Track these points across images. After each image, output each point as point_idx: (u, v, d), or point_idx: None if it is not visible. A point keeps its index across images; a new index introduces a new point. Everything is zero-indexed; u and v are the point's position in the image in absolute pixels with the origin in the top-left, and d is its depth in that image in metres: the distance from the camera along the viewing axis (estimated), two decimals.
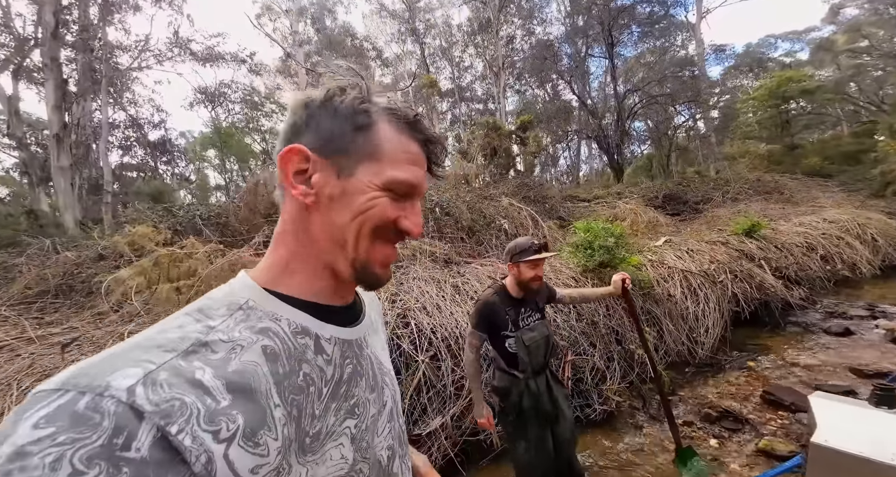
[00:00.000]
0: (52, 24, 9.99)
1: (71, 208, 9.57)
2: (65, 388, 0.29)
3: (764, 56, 20.54)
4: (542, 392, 1.82)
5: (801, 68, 16.82)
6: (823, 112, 16.36)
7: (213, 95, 17.70)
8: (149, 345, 0.34)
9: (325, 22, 18.94)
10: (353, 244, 0.43)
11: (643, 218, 8.37)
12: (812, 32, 19.92)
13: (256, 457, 0.34)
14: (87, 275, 3.85)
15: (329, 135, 0.43)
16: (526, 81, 17.74)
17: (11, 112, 12.67)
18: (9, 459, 0.25)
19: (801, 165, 14.12)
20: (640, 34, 14.96)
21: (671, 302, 4.14)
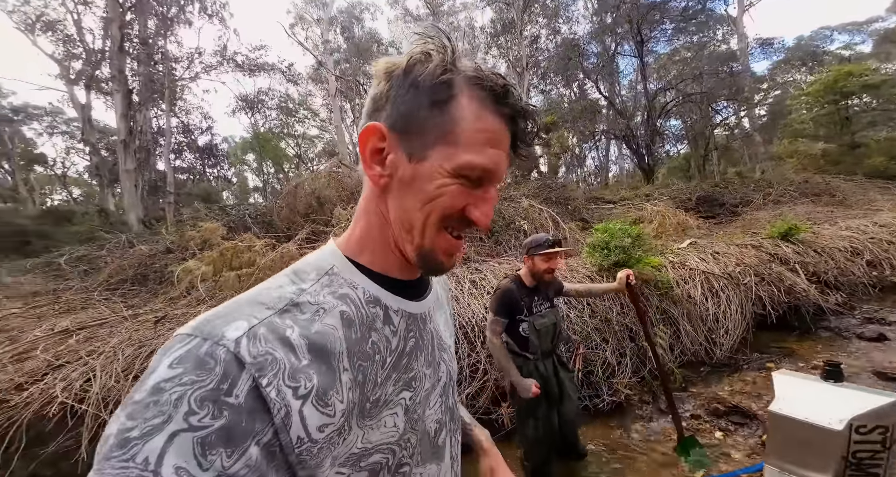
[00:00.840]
0: (119, 38, 11.26)
1: (135, 208, 10.74)
2: (195, 334, 0.34)
3: (819, 49, 19.15)
4: (550, 374, 2.04)
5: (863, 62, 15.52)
6: (892, 108, 15.02)
7: (253, 103, 19.04)
8: (256, 301, 0.38)
9: (353, 30, 19.79)
10: (419, 231, 0.43)
11: (671, 220, 8.21)
12: (875, 23, 18.34)
13: (325, 416, 0.36)
14: (159, 266, 4.49)
15: (406, 111, 0.40)
16: (551, 81, 17.61)
17: (85, 120, 14.32)
18: (150, 391, 0.30)
19: (864, 166, 13.07)
20: (674, 29, 14.45)
21: (690, 303, 4.18)
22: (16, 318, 3.48)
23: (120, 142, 11.01)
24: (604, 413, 2.90)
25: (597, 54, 15.10)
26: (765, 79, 18.72)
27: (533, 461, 2.05)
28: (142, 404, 0.30)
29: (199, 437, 0.30)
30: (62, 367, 2.32)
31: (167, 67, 13.41)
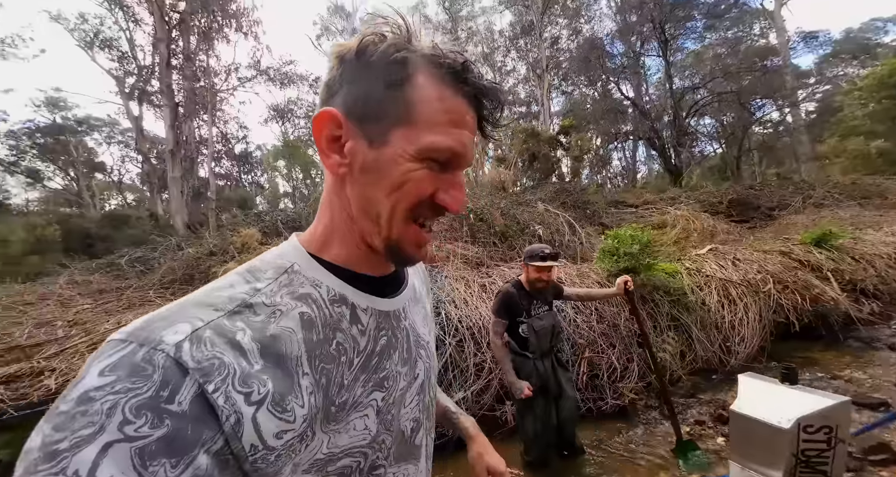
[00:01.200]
0: (166, 56, 12.37)
1: (180, 212, 11.74)
2: (129, 339, 0.31)
3: (870, 41, 17.77)
4: (548, 373, 2.19)
5: None
6: None
7: (283, 112, 20.14)
8: (202, 302, 0.35)
9: None
10: (387, 222, 0.40)
11: (696, 225, 7.99)
12: None
13: (283, 423, 0.34)
14: (203, 267, 5.01)
15: (362, 94, 0.38)
16: (573, 81, 17.40)
17: (137, 130, 15.75)
18: (77, 401, 0.28)
19: None
20: (705, 26, 13.91)
21: (704, 310, 4.17)
22: (88, 312, 4.04)
23: (168, 151, 12.08)
24: (607, 416, 3.00)
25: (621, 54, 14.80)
26: (810, 73, 17.57)
27: (532, 455, 2.20)
28: (69, 415, 0.27)
29: (137, 447, 0.27)
30: None
31: (208, 81, 14.53)
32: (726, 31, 14.38)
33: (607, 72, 14.44)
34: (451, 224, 5.21)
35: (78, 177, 19.03)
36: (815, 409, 1.25)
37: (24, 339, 3.28)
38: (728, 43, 14.23)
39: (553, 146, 9.85)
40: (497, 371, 2.84)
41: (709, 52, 15.14)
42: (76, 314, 3.99)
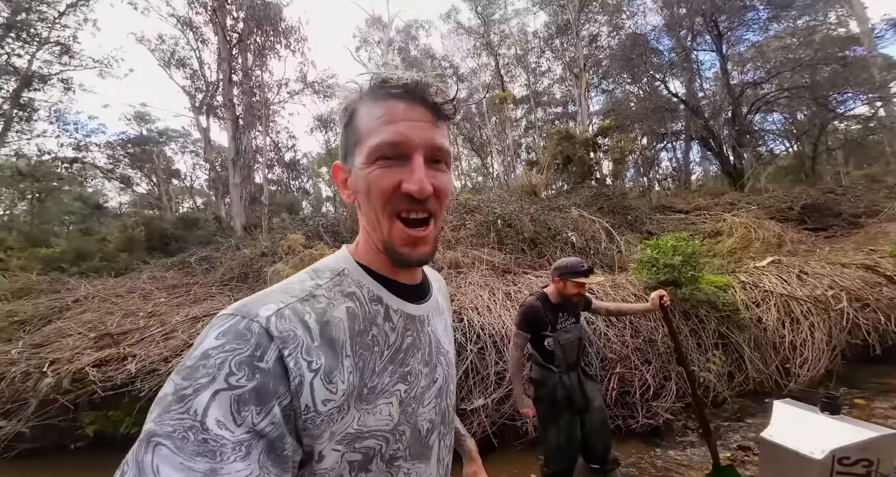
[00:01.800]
0: (228, 72, 13.72)
1: (239, 215, 12.92)
2: (235, 313, 0.41)
3: None
4: (574, 386, 2.12)
5: None
6: None
7: (326, 122, 21.41)
8: (283, 290, 0.46)
9: (409, 50, 20.97)
10: (378, 226, 0.50)
11: (758, 233, 7.25)
12: None
13: (328, 392, 0.42)
14: (257, 266, 5.53)
15: (342, 144, 0.52)
16: (615, 79, 16.57)
17: (206, 141, 17.61)
18: (200, 357, 0.37)
19: None
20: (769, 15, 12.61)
21: (759, 328, 3.82)
22: (163, 305, 4.65)
23: (230, 160, 13.39)
24: (637, 434, 2.87)
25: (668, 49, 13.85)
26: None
27: (552, 468, 2.15)
28: (193, 367, 0.36)
29: (236, 394, 0.36)
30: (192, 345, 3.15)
31: (262, 96, 15.91)
32: (795, 21, 12.89)
33: (653, 68, 13.56)
34: (479, 229, 5.24)
35: (158, 182, 21.68)
36: (854, 440, 1.16)
37: (114, 327, 3.87)
38: (799, 33, 12.75)
39: (590, 148, 9.47)
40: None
41: (774, 43, 13.68)
42: (154, 307, 4.61)
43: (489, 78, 21.32)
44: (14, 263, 7.80)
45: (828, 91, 11.44)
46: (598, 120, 16.27)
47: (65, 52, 14.55)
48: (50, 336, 3.81)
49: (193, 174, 24.39)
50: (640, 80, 14.67)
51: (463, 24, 20.73)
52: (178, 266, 6.80)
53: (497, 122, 18.87)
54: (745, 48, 13.98)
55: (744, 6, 11.92)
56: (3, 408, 2.80)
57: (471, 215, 5.72)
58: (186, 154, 23.65)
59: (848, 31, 13.27)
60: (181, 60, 16.76)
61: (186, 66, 16.87)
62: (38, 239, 10.87)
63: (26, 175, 14.63)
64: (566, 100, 21.97)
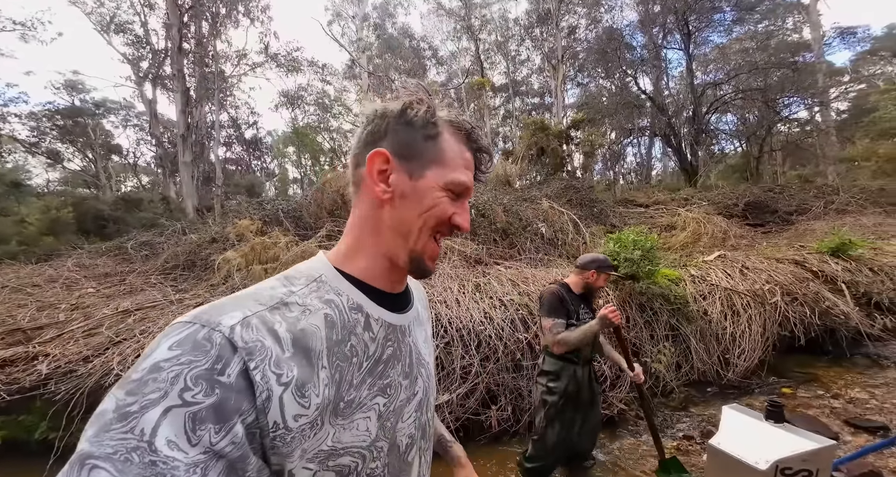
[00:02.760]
0: (177, 40, 12.39)
1: (191, 197, 11.91)
2: (193, 321, 0.37)
3: None
4: (585, 382, 2.07)
5: None
6: None
7: (293, 98, 20.10)
8: (250, 297, 0.43)
9: (385, 27, 20.04)
10: (415, 237, 0.50)
11: (707, 228, 7.73)
12: None
13: (300, 407, 0.39)
14: (205, 254, 5.07)
15: (405, 142, 0.49)
16: (589, 73, 16.86)
17: (151, 114, 15.93)
18: (149, 370, 0.34)
19: None
20: (734, 18, 13.19)
21: (705, 320, 4.05)
22: (90, 297, 4.14)
23: (179, 136, 12.21)
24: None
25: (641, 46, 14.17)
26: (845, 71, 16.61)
27: (536, 464, 2.09)
28: (141, 382, 0.33)
29: (191, 412, 0.33)
30: (120, 343, 2.81)
31: (217, 67, 14.54)
32: (756, 25, 13.58)
33: (625, 64, 13.84)
34: None
35: (95, 158, 19.44)
36: (796, 451, 1.18)
37: (25, 321, 3.38)
38: (758, 37, 13.46)
39: (563, 140, 9.57)
40: (484, 375, 2.81)
41: (735, 46, 14.39)
42: (78, 298, 4.10)
43: (469, 63, 20.92)
44: None
45: (777, 94, 12.26)
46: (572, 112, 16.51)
47: None
48: None
49: (138, 150, 22.10)
50: (613, 74, 14.95)
51: (444, 5, 20.05)
52: (114, 252, 6.13)
53: (475, 109, 18.62)
54: (709, 49, 14.61)
55: (713, 7, 12.35)
56: None
57: None
58: (129, 128, 21.30)
59: (801, 38, 14.22)
60: (122, 26, 14.82)
61: (128, 31, 14.95)
62: None
63: None
64: (543, 91, 22.08)
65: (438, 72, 22.71)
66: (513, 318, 3.18)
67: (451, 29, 20.47)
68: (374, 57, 19.55)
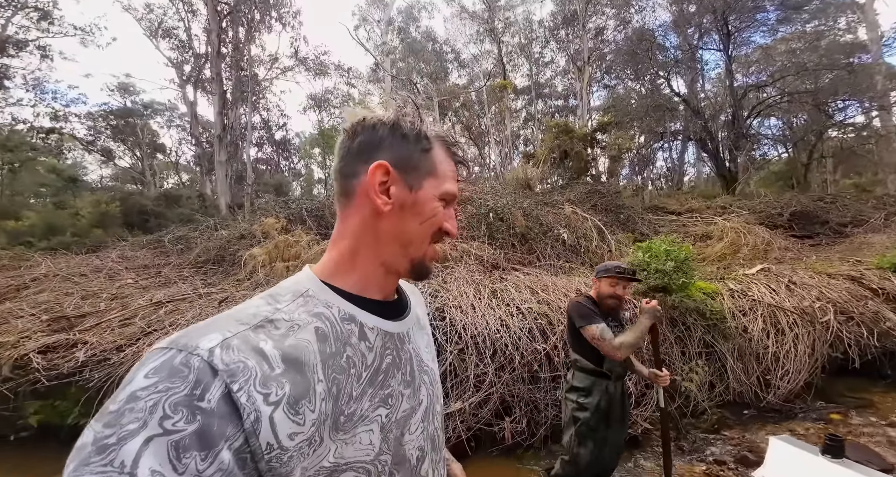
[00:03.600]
0: (216, 44, 13.08)
1: (224, 194, 12.50)
2: (170, 347, 0.36)
3: None
4: (617, 398, 1.95)
5: None
6: None
7: (320, 101, 20.72)
8: (231, 318, 0.41)
9: (409, 31, 20.27)
10: (418, 245, 0.52)
11: (748, 239, 7.22)
12: None
13: (295, 424, 0.38)
14: (233, 249, 5.27)
15: (403, 155, 0.50)
16: (617, 75, 16.31)
17: (192, 116, 16.91)
18: (126, 400, 0.33)
19: None
20: (778, 18, 12.37)
21: (744, 338, 3.76)
22: (129, 287, 4.39)
23: (216, 136, 12.86)
24: None
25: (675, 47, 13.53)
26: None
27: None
28: (118, 413, 0.32)
29: (174, 440, 0.32)
30: (151, 333, 2.94)
31: (251, 70, 15.25)
32: (804, 25, 12.64)
33: (657, 66, 13.27)
34: (469, 222, 5.06)
35: (142, 157, 20.83)
36: None
37: (70, 309, 3.62)
38: (806, 37, 12.53)
39: (588, 144, 9.27)
40: (498, 385, 2.72)
41: (780, 46, 13.46)
42: (118, 288, 4.36)
43: (491, 66, 20.77)
44: None
45: (829, 97, 11.35)
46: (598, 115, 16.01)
47: (43, 17, 13.64)
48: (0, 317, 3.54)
49: (179, 149, 23.48)
50: (643, 76, 14.39)
51: (467, 9, 20.05)
52: (153, 245, 6.49)
53: (496, 112, 18.48)
54: (750, 50, 13.76)
55: (755, 6, 11.63)
56: None
57: (463, 206, 5.54)
58: (173, 128, 22.68)
59: (856, 38, 13.13)
60: (168, 31, 15.90)
61: (174, 36, 16.01)
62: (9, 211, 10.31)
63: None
64: (567, 93, 21.58)
65: (460, 74, 22.75)
66: (530, 327, 3.06)
67: (474, 32, 20.41)
68: (397, 60, 19.84)
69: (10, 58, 13.57)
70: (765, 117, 13.95)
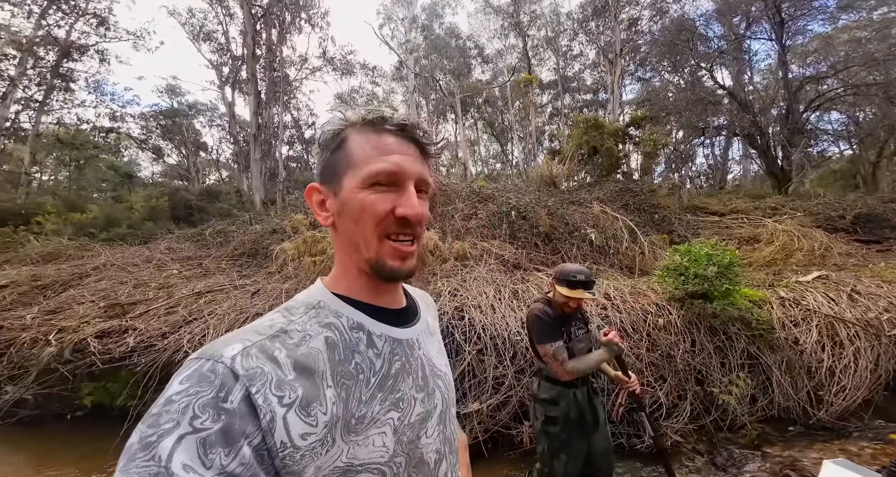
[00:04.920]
0: (251, 46, 13.66)
1: (259, 190, 13.10)
2: (200, 356, 0.41)
3: None
4: (585, 403, 1.88)
5: None
6: None
7: (346, 100, 21.21)
8: (252, 330, 0.46)
9: (433, 28, 20.17)
10: (364, 246, 0.50)
11: (803, 243, 6.61)
12: None
13: (307, 425, 0.41)
14: (265, 244, 5.51)
15: (323, 165, 0.52)
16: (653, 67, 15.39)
17: (231, 116, 17.80)
18: (164, 403, 0.38)
19: None
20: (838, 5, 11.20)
21: (794, 350, 3.46)
22: (174, 277, 4.70)
23: (251, 135, 13.49)
24: (641, 456, 2.66)
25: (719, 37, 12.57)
26: None
27: None
28: (158, 415, 0.37)
29: (202, 437, 0.36)
30: (191, 322, 3.13)
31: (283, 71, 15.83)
32: (870, 12, 11.35)
33: (698, 57, 12.37)
34: (491, 220, 4.97)
35: (187, 154, 22.27)
36: None
37: (124, 297, 3.92)
38: (873, 25, 11.27)
39: (619, 139, 8.78)
40: (518, 388, 2.66)
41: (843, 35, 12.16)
42: (165, 278, 4.68)
43: (515, 60, 20.30)
44: (48, 227, 8.15)
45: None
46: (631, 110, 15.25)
47: (101, 23, 14.82)
48: (65, 303, 3.91)
49: (219, 147, 24.89)
50: (682, 68, 13.52)
51: (491, 3, 19.63)
52: (195, 238, 6.91)
53: (521, 107, 18.08)
54: (806, 39, 12.56)
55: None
56: (10, 373, 2.88)
57: (484, 204, 5.45)
58: (213, 128, 24.05)
59: None
60: (209, 34, 16.82)
61: (214, 39, 16.91)
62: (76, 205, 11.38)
63: (66, 143, 15.28)
64: (597, 86, 20.73)
65: (483, 70, 22.40)
66: None
67: (499, 26, 19.98)
68: (420, 58, 19.80)
69: (74, 62, 14.83)
70: (824, 111, 12.73)
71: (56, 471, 2.44)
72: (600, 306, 3.34)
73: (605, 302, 3.39)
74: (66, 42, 14.25)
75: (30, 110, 14.88)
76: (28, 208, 9.09)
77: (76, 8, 14.11)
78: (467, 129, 23.46)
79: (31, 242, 6.99)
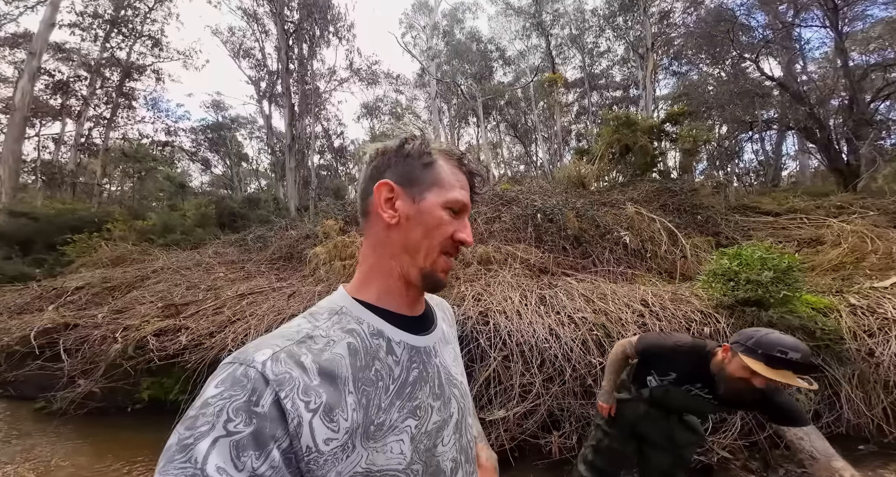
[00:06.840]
0: (285, 61, 14.43)
1: (293, 198, 13.77)
2: (234, 361, 0.43)
3: None
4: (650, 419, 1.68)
5: None
6: None
7: (371, 109, 21.85)
8: (280, 335, 0.48)
9: (454, 33, 20.31)
10: (424, 254, 0.53)
11: (877, 245, 5.90)
12: None
13: (330, 431, 0.42)
14: (300, 248, 5.77)
15: (405, 171, 0.55)
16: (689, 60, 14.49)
17: (268, 127, 18.88)
18: (200, 406, 0.39)
19: None
20: None
21: (869, 363, 3.10)
22: (221, 280, 5.03)
23: (286, 146, 14.22)
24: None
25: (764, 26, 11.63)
26: None
27: None
28: (195, 418, 0.39)
29: (235, 440, 0.37)
30: (235, 322, 3.33)
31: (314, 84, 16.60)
32: None
33: (741, 48, 11.49)
34: (515, 223, 4.87)
35: (231, 165, 23.87)
36: None
37: (178, 298, 4.25)
38: None
39: (654, 137, 8.28)
40: (546, 397, 2.57)
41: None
42: (213, 281, 5.02)
43: (538, 60, 19.97)
44: (116, 233, 9.05)
45: None
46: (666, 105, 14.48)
47: (155, 44, 16.33)
48: (129, 303, 4.29)
49: (259, 158, 26.51)
50: (722, 60, 12.65)
51: (512, 5, 19.41)
52: (238, 243, 7.37)
53: (545, 107, 17.68)
54: (867, 25, 11.38)
55: None
56: (83, 368, 3.20)
57: (507, 207, 5.37)
58: (253, 139, 25.69)
59: None
60: (247, 51, 18.06)
61: (251, 56, 18.08)
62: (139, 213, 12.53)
63: (130, 156, 16.94)
64: (627, 83, 19.91)
65: (505, 72, 22.22)
66: (585, 338, 2.84)
67: (520, 27, 19.73)
68: (442, 64, 20.00)
69: (134, 81, 16.48)
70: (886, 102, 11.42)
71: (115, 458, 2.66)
72: (637, 314, 3.18)
73: (641, 309, 3.22)
74: (127, 63, 15.85)
75: (100, 127, 16.67)
76: (100, 216, 10.16)
77: (133, 30, 15.66)
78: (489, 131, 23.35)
79: (103, 247, 7.78)
